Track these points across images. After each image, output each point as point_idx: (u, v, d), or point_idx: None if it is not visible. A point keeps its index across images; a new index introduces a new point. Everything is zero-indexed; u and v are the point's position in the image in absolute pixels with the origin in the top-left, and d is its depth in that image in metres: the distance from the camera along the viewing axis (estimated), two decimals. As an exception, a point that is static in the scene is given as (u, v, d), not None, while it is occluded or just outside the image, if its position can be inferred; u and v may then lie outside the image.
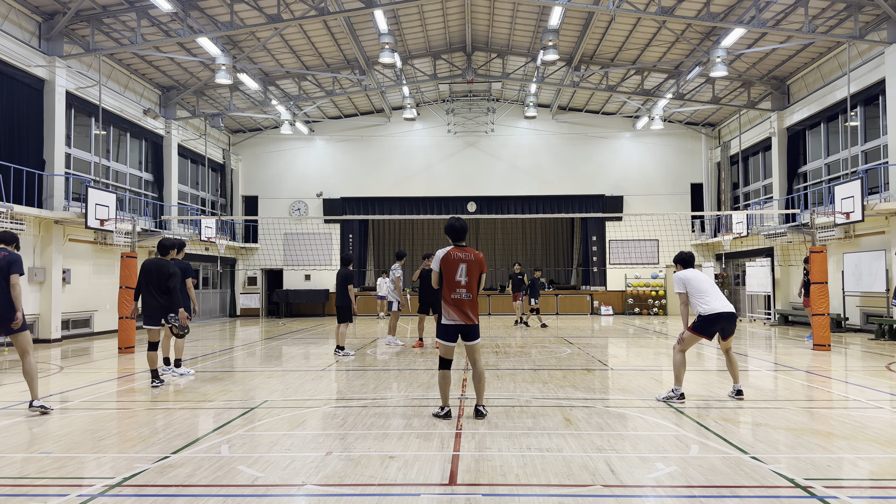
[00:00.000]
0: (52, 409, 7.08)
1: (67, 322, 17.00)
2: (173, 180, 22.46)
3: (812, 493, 4.33)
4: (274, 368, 10.89)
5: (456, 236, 6.59)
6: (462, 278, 6.43)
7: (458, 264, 6.45)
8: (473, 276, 6.48)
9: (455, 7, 20.24)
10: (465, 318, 6.45)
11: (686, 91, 23.57)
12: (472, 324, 6.48)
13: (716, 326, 7.38)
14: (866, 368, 10.53)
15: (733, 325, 7.47)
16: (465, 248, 6.58)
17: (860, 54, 17.59)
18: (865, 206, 15.51)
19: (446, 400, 6.67)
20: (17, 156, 15.24)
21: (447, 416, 6.59)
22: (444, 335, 6.51)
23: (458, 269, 6.44)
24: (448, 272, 6.46)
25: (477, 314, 6.57)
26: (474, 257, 6.53)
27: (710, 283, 7.58)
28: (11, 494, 4.41)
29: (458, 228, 6.59)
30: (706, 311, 7.35)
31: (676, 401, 7.48)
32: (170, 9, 15.56)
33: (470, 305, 6.48)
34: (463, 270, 6.44)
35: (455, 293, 6.43)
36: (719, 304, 7.37)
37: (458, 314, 6.44)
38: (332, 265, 27.12)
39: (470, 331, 6.50)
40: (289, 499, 4.35)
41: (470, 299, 6.47)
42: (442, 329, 6.53)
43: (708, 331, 7.41)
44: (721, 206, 26.22)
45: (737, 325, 7.65)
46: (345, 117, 28.18)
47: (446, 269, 6.47)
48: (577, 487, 4.43)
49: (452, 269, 6.45)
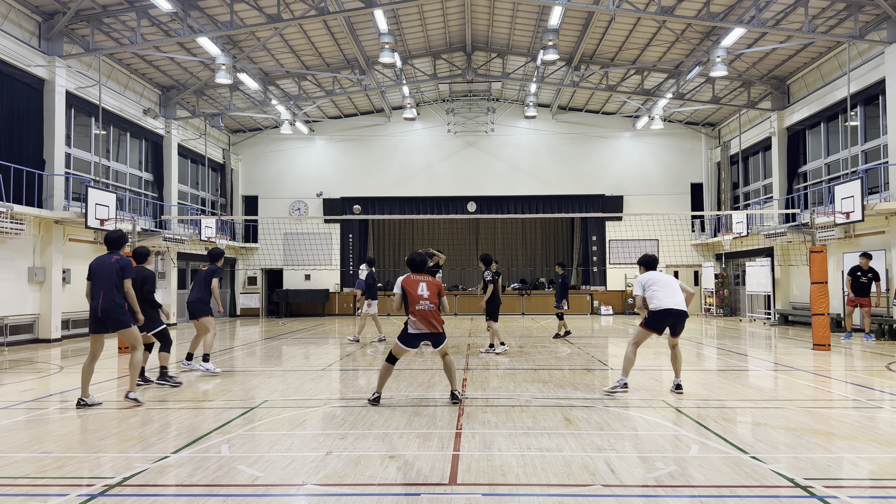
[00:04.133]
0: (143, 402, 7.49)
1: (67, 322, 17.00)
2: (173, 180, 22.46)
3: (812, 492, 4.33)
4: (274, 368, 10.90)
5: (415, 268, 7.34)
6: (424, 293, 7.10)
7: (418, 283, 7.16)
8: (433, 292, 7.15)
9: (455, 7, 20.23)
10: (431, 326, 7.08)
11: (686, 91, 23.57)
12: (437, 332, 7.13)
13: (666, 322, 7.80)
14: (866, 368, 10.54)
15: (683, 324, 7.93)
16: (423, 275, 7.31)
17: (860, 54, 17.59)
18: (865, 205, 15.50)
19: (381, 388, 7.39)
20: (17, 156, 15.24)
21: (376, 401, 7.30)
22: (406, 342, 7.16)
23: (418, 287, 7.13)
24: (410, 290, 7.12)
25: (441, 322, 7.18)
26: (432, 280, 7.27)
27: (667, 283, 7.96)
28: (11, 494, 4.41)
29: (418, 262, 7.36)
30: (656, 306, 7.81)
31: (621, 390, 7.98)
32: (170, 9, 15.56)
33: (434, 315, 7.12)
34: (423, 287, 7.13)
35: (419, 304, 7.07)
36: (669, 301, 7.77)
37: (424, 324, 7.06)
38: (332, 265, 27.15)
39: (436, 338, 7.16)
40: (289, 499, 4.35)
41: (433, 310, 7.11)
42: (406, 336, 7.14)
43: (658, 326, 7.83)
44: (721, 206, 26.22)
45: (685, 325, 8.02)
46: (345, 117, 28.18)
47: (409, 288, 7.13)
48: (577, 487, 4.44)
49: (413, 287, 7.13)
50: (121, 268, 7.31)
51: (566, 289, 15.38)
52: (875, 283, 14.63)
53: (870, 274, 14.69)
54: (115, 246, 7.55)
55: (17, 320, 15.36)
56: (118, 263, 7.32)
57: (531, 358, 11.79)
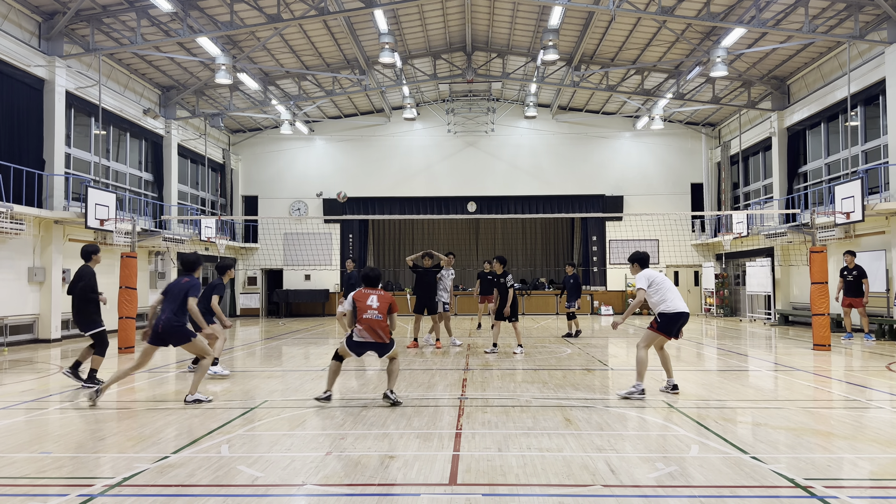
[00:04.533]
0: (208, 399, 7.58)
1: (67, 322, 16.98)
2: (173, 180, 22.46)
3: (812, 493, 4.33)
4: (274, 368, 10.89)
5: (369, 283, 7.48)
6: (373, 303, 7.23)
7: (368, 296, 7.28)
8: (383, 304, 7.25)
9: (455, 7, 20.23)
10: (376, 336, 7.18)
11: (686, 91, 23.57)
12: (382, 342, 7.22)
13: (677, 325, 7.71)
14: (866, 368, 10.53)
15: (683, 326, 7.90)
16: (377, 290, 7.42)
17: (860, 54, 17.59)
18: (865, 206, 15.50)
19: (330, 386, 7.46)
20: (17, 156, 15.24)
21: (328, 399, 7.38)
22: (352, 347, 7.27)
23: (368, 298, 7.25)
24: (360, 302, 7.23)
25: (388, 333, 7.27)
26: (384, 294, 7.38)
27: (671, 283, 7.97)
28: (11, 494, 4.41)
29: (372, 277, 7.51)
30: (669, 309, 7.65)
31: (637, 396, 7.65)
32: (170, 9, 15.56)
33: (380, 325, 7.19)
34: (374, 299, 7.25)
35: (367, 314, 7.17)
36: (682, 304, 7.72)
37: (369, 333, 7.16)
38: (332, 265, 27.14)
39: (381, 348, 7.27)
40: (289, 499, 4.35)
41: (380, 319, 7.19)
42: (351, 343, 7.24)
43: (671, 329, 7.73)
44: (721, 206, 26.21)
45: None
46: (345, 117, 28.18)
47: (359, 301, 7.24)
48: (577, 487, 4.43)
49: (364, 299, 7.25)
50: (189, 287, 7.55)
51: (579, 288, 15.72)
52: (863, 280, 14.58)
53: (855, 272, 14.65)
54: (191, 269, 7.83)
55: (16, 320, 15.36)
56: (188, 284, 7.57)
57: (531, 358, 11.79)
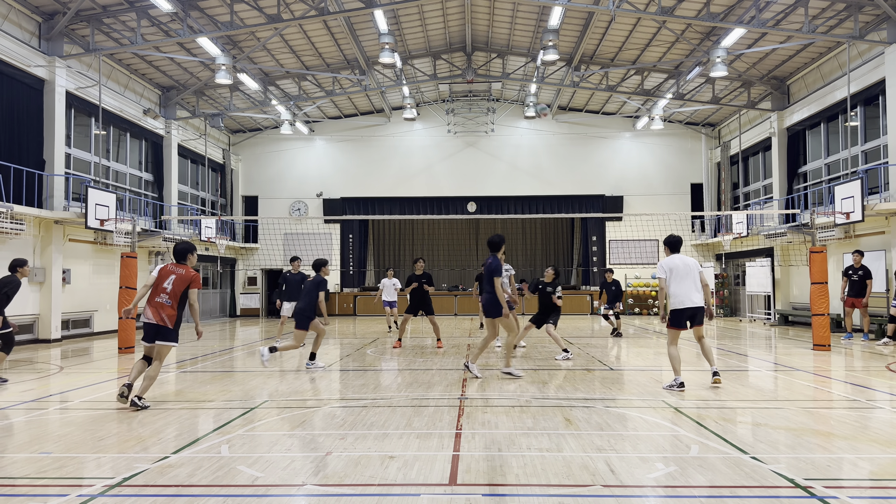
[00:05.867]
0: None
1: (67, 322, 17.00)
2: (173, 180, 22.46)
3: (812, 493, 4.33)
4: (274, 368, 10.89)
5: (179, 257, 7.57)
6: (168, 286, 7.29)
7: (170, 274, 7.34)
8: (178, 287, 7.31)
9: (455, 7, 20.24)
10: (160, 319, 7.23)
11: (686, 91, 23.57)
12: (163, 325, 7.22)
13: (684, 316, 8.19)
14: (866, 368, 10.53)
15: (702, 314, 8.23)
16: (181, 265, 7.50)
17: (860, 54, 17.59)
18: (865, 206, 15.50)
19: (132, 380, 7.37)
20: (17, 156, 15.24)
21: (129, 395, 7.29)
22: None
23: (168, 278, 7.31)
24: (160, 279, 7.36)
25: (172, 319, 7.27)
26: (185, 272, 7.41)
27: (686, 274, 8.20)
28: (11, 494, 4.41)
29: (180, 251, 7.58)
30: (673, 305, 8.19)
31: (677, 389, 8.11)
32: (170, 9, 15.56)
33: (165, 309, 7.25)
34: (172, 280, 7.30)
35: (159, 297, 7.29)
36: (686, 299, 8.11)
37: (153, 314, 7.25)
38: (333, 265, 27.09)
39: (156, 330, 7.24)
40: (289, 499, 4.35)
41: (169, 305, 7.26)
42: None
43: (680, 322, 8.23)
44: (721, 206, 26.21)
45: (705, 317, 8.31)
46: (345, 117, 28.18)
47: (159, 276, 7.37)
48: (577, 487, 4.43)
49: (165, 277, 7.35)
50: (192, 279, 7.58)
51: (621, 293, 16.36)
52: (867, 280, 14.59)
53: (861, 271, 14.67)
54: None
55: (16, 320, 15.31)
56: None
57: (531, 358, 11.79)
